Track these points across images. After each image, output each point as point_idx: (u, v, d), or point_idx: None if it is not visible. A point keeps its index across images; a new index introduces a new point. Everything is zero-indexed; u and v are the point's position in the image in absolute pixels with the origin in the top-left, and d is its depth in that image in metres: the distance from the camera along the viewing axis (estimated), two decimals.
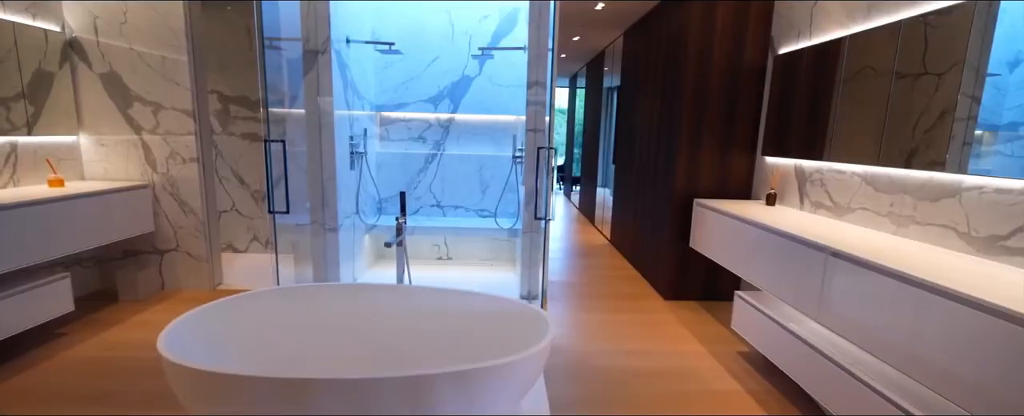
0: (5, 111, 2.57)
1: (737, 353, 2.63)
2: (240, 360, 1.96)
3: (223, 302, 1.97)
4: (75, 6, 2.94)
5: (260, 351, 2.02)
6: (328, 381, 1.43)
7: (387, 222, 3.99)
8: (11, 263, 2.25)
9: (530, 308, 1.97)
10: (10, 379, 2.15)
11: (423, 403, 1.49)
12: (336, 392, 1.44)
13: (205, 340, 1.88)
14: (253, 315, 2.05)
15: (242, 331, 2.01)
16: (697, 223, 3.08)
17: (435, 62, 4.04)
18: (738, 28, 3.07)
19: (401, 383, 1.46)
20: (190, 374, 1.47)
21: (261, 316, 2.06)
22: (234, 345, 1.97)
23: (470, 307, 2.09)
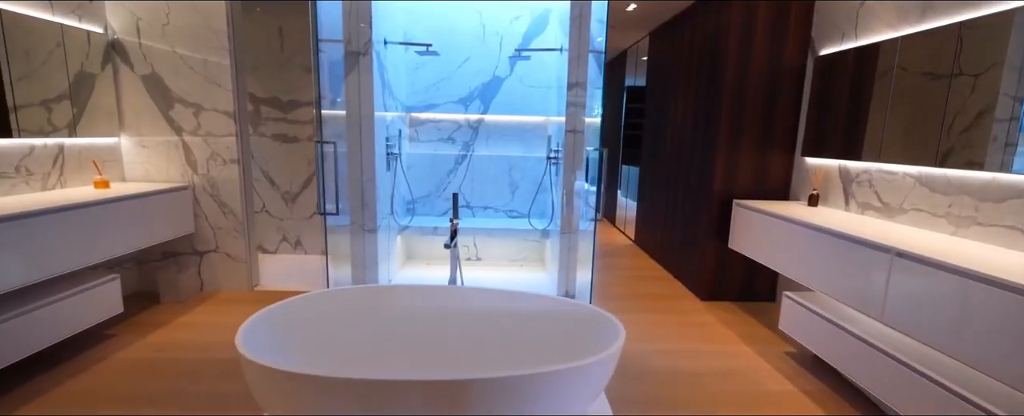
0: (47, 112, 2.56)
1: (784, 353, 2.64)
2: (308, 359, 1.97)
3: (293, 301, 1.97)
4: (118, 7, 2.94)
5: (327, 350, 2.03)
6: (420, 383, 1.43)
7: (419, 223, 4.00)
8: (71, 263, 2.26)
9: (595, 310, 1.97)
10: (67, 381, 2.16)
11: (506, 404, 1.50)
12: (425, 393, 1.45)
13: (274, 338, 1.88)
14: (322, 314, 2.05)
15: (310, 330, 2.01)
16: (737, 224, 3.08)
17: (466, 63, 4.05)
18: (778, 28, 3.08)
19: (488, 384, 1.46)
20: (271, 374, 1.47)
21: (329, 315, 2.07)
22: (302, 344, 1.97)
23: (536, 309, 2.10)
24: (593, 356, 1.62)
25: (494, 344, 2.12)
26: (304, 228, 4.29)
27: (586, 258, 3.37)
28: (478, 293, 2.17)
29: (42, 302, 2.14)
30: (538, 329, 2.09)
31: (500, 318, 2.14)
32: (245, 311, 2.99)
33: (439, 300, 2.17)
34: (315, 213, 4.25)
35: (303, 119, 4.11)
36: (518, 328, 2.12)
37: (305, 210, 4.25)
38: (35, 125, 2.47)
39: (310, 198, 4.22)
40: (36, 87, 2.46)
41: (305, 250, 4.34)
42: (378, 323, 2.14)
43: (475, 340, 2.14)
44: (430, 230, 3.98)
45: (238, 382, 2.19)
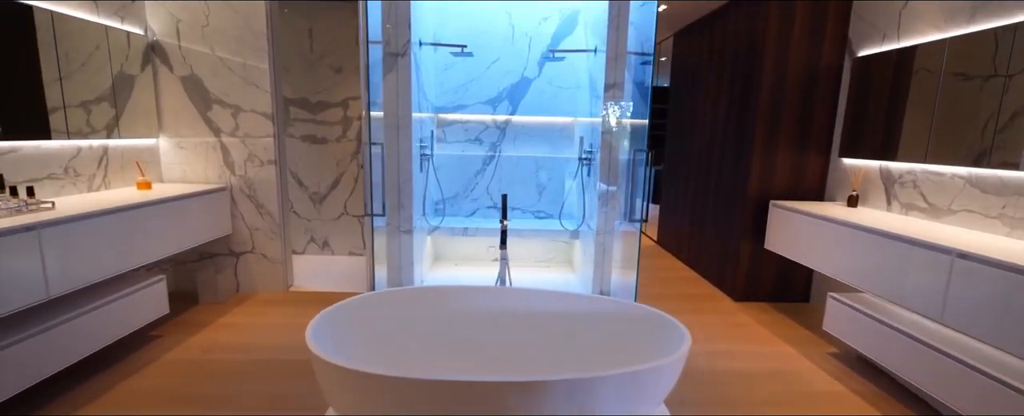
0: (86, 114, 2.52)
1: (828, 354, 2.64)
2: (366, 359, 1.97)
3: (352, 301, 1.98)
4: (158, 9, 2.95)
5: (384, 350, 2.03)
6: (506, 384, 1.43)
7: (450, 223, 4.00)
8: (123, 264, 2.26)
9: (653, 312, 1.98)
10: (122, 382, 2.16)
11: (577, 405, 1.50)
12: (505, 394, 1.45)
13: (334, 338, 1.88)
14: (379, 314, 2.06)
15: (367, 329, 2.02)
16: (775, 225, 3.08)
17: (495, 64, 4.05)
18: (815, 29, 3.08)
19: (567, 385, 1.46)
20: (345, 374, 1.47)
21: (386, 315, 2.07)
22: (364, 343, 1.98)
23: (592, 310, 2.10)
24: (661, 359, 1.63)
25: (552, 345, 2.12)
26: (331, 229, 4.30)
27: (620, 259, 3.38)
28: (532, 294, 2.17)
29: (97, 304, 2.14)
30: (594, 331, 2.09)
31: (555, 319, 2.14)
32: (284, 312, 3.00)
33: (494, 301, 2.17)
34: (343, 214, 4.27)
35: (331, 120, 4.12)
36: (573, 329, 2.12)
37: (333, 211, 4.27)
38: (75, 126, 2.45)
39: (338, 199, 4.24)
40: (76, 89, 2.44)
41: (332, 251, 4.35)
42: (434, 323, 2.14)
43: (531, 341, 2.14)
44: (460, 231, 3.98)
45: (290, 383, 2.19)
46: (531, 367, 2.11)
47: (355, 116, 4.11)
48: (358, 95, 4.08)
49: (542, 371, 2.09)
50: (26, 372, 1.84)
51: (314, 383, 2.19)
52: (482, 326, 2.16)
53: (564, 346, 2.12)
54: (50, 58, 2.30)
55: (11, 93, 2.14)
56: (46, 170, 2.36)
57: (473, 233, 3.99)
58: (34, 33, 2.21)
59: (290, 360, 2.40)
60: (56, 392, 2.05)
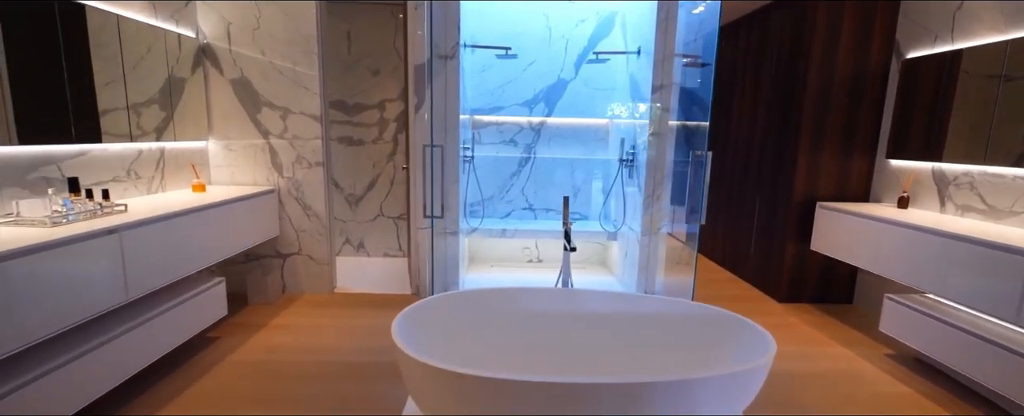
0: (137, 116, 2.49)
1: (884, 356, 2.64)
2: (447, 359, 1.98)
3: (428, 302, 1.99)
4: (209, 12, 2.96)
5: (458, 349, 2.04)
6: (603, 385, 1.44)
7: (489, 225, 4.01)
8: (191, 267, 2.28)
9: (731, 315, 1.99)
10: (197, 382, 2.17)
11: (670, 407, 1.51)
12: (602, 395, 1.46)
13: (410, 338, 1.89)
14: (453, 314, 2.07)
15: (441, 330, 2.02)
16: (822, 226, 3.09)
17: (532, 66, 4.06)
18: (862, 30, 3.08)
19: (668, 387, 1.47)
20: (437, 374, 1.48)
21: (459, 315, 2.08)
22: (440, 343, 1.99)
23: (663, 312, 2.11)
24: (743, 361, 1.63)
25: (623, 347, 2.13)
26: (367, 230, 4.31)
27: (664, 261, 3.39)
28: (601, 296, 2.18)
29: (169, 305, 2.15)
30: (667, 333, 2.10)
31: (622, 320, 2.15)
32: (334, 313, 3.01)
33: (565, 302, 2.18)
34: (379, 215, 4.28)
35: (368, 122, 4.14)
36: (642, 331, 2.13)
37: (368, 212, 4.28)
38: (130, 129, 2.43)
39: (374, 200, 4.25)
40: (131, 91, 2.42)
41: (367, 252, 4.36)
42: (506, 324, 2.15)
43: (600, 342, 2.15)
44: (498, 232, 3.99)
45: (360, 385, 2.20)
46: (606, 368, 2.11)
47: (391, 118, 4.12)
48: (394, 97, 4.10)
49: (618, 372, 2.10)
50: (114, 371, 1.85)
51: (385, 384, 2.20)
52: (553, 327, 2.17)
53: (635, 348, 2.13)
54: (107, 61, 2.30)
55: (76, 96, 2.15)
56: (111, 172, 2.38)
57: (511, 235, 4.00)
58: (87, 35, 2.16)
59: (355, 362, 2.41)
60: (136, 392, 2.06)
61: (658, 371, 2.05)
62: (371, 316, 2.98)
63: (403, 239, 4.32)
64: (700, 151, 2.55)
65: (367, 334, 2.73)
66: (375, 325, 2.85)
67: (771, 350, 1.69)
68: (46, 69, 1.97)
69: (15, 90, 1.84)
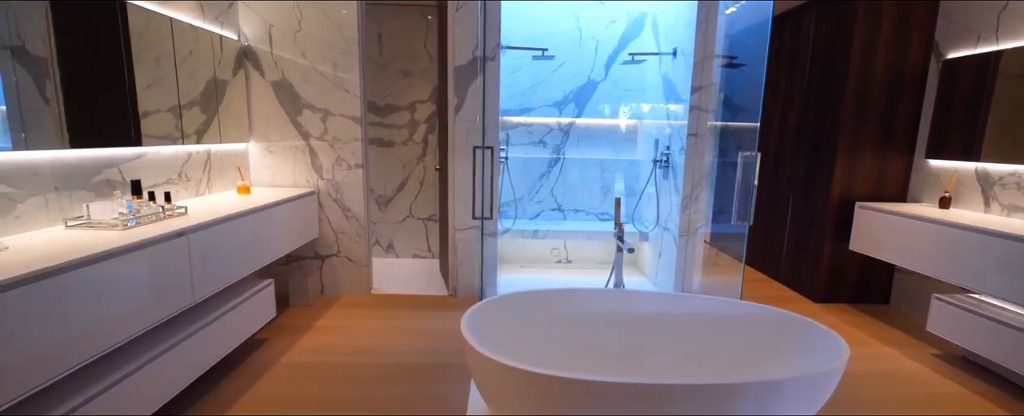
0: (185, 119, 2.48)
1: (931, 356, 2.65)
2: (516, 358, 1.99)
3: (489, 304, 2.00)
4: (251, 14, 2.97)
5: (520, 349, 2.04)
6: (685, 387, 1.45)
7: (521, 226, 4.02)
8: (246, 268, 2.28)
9: (795, 317, 1.99)
10: (255, 384, 2.18)
11: (766, 408, 1.51)
12: (686, 396, 1.46)
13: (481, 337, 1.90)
14: (514, 314, 2.07)
15: (501, 330, 2.03)
16: (863, 226, 3.09)
17: (562, 67, 4.07)
18: (901, 30, 3.09)
19: (753, 388, 1.47)
20: (510, 372, 1.48)
21: (519, 315, 2.09)
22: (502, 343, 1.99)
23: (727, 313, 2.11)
24: (823, 364, 1.64)
25: (685, 348, 2.13)
26: (396, 232, 4.32)
27: (700, 261, 3.39)
28: (661, 297, 2.19)
29: (225, 308, 2.16)
30: (727, 334, 2.10)
31: (684, 322, 2.16)
32: (375, 315, 3.02)
33: (622, 303, 2.19)
34: (408, 217, 4.28)
35: (398, 123, 4.14)
36: (702, 332, 2.13)
37: (398, 214, 4.28)
38: (176, 131, 2.42)
39: (403, 202, 4.25)
40: (180, 93, 2.42)
41: (396, 253, 4.37)
42: (563, 324, 2.15)
43: (665, 343, 2.15)
44: (529, 233, 4.00)
45: (411, 385, 2.21)
46: (667, 369, 2.12)
47: (422, 120, 4.13)
48: (424, 99, 4.10)
49: (678, 374, 2.10)
50: (186, 372, 1.86)
51: (441, 385, 2.21)
52: (610, 328, 2.17)
53: (693, 349, 2.13)
54: (159, 63, 2.31)
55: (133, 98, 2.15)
56: (165, 175, 2.38)
57: (542, 235, 4.00)
58: (128, 37, 2.14)
59: (406, 363, 2.41)
60: (199, 394, 2.06)
61: (721, 373, 2.06)
62: (412, 317, 2.99)
63: (432, 240, 4.32)
64: (748, 152, 2.55)
65: (412, 335, 2.73)
66: (418, 326, 2.85)
67: (844, 352, 1.69)
68: (107, 71, 1.98)
69: (74, 93, 1.85)
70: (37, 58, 1.68)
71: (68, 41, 1.79)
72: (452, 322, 2.93)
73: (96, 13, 1.92)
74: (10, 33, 1.58)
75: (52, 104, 1.74)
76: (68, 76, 1.79)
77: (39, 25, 1.68)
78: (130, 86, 2.08)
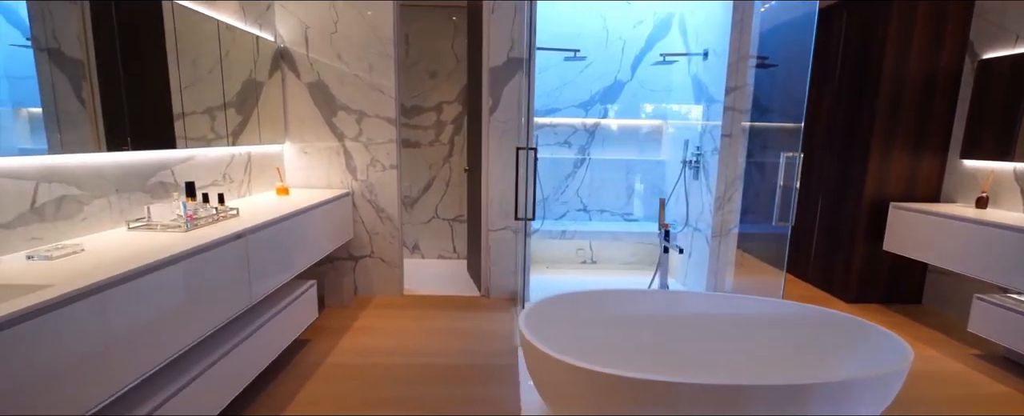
0: (228, 121, 2.47)
1: (972, 356, 2.65)
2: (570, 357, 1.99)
3: (553, 300, 2.00)
4: (288, 16, 2.97)
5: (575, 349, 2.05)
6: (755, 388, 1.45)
7: (548, 226, 4.02)
8: (294, 269, 2.29)
9: (855, 320, 1.99)
10: (306, 385, 2.18)
11: (840, 408, 1.51)
12: (756, 398, 1.47)
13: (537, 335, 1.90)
14: (574, 313, 2.08)
15: (559, 329, 2.03)
16: (898, 226, 3.09)
17: (589, 67, 4.07)
18: (936, 30, 3.09)
19: (826, 389, 1.48)
20: (581, 374, 1.48)
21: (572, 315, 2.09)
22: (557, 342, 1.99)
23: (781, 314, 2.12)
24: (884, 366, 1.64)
25: (739, 349, 2.14)
26: (421, 232, 4.32)
27: (733, 262, 3.39)
28: (714, 299, 2.19)
29: (276, 309, 2.16)
30: (781, 335, 2.11)
31: (740, 322, 2.16)
32: (411, 315, 3.02)
33: (673, 304, 2.19)
34: (433, 217, 4.29)
35: (424, 124, 4.15)
36: (759, 333, 2.14)
37: (423, 215, 4.29)
38: (199, 132, 2.35)
39: (429, 203, 4.26)
40: (213, 94, 2.37)
41: (422, 254, 4.37)
42: (613, 325, 2.16)
43: (720, 345, 2.16)
44: (557, 234, 4.00)
45: (459, 386, 2.21)
46: (727, 371, 2.12)
47: (448, 120, 4.13)
48: (451, 99, 4.11)
49: (742, 375, 2.10)
50: (245, 373, 1.87)
51: (489, 387, 2.21)
52: (660, 328, 2.18)
53: (747, 350, 2.13)
54: (205, 65, 2.32)
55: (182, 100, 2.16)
56: (211, 176, 2.39)
57: (570, 236, 4.01)
58: (176, 38, 2.15)
59: (450, 364, 2.42)
60: (253, 395, 2.07)
61: (779, 373, 2.06)
62: (447, 318, 2.99)
63: (458, 241, 4.33)
64: (791, 152, 2.56)
65: (451, 336, 2.73)
66: (456, 327, 2.86)
67: (908, 353, 1.69)
68: (158, 73, 1.98)
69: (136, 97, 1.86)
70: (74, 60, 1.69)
71: (130, 44, 1.79)
72: (488, 323, 2.93)
73: (150, 14, 1.93)
74: (47, 35, 1.57)
75: (121, 107, 1.75)
76: (131, 81, 1.79)
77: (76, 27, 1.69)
78: (179, 88, 2.09)
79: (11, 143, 1.41)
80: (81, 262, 1.35)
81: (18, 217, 1.43)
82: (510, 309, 3.19)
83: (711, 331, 2.17)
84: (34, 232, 1.48)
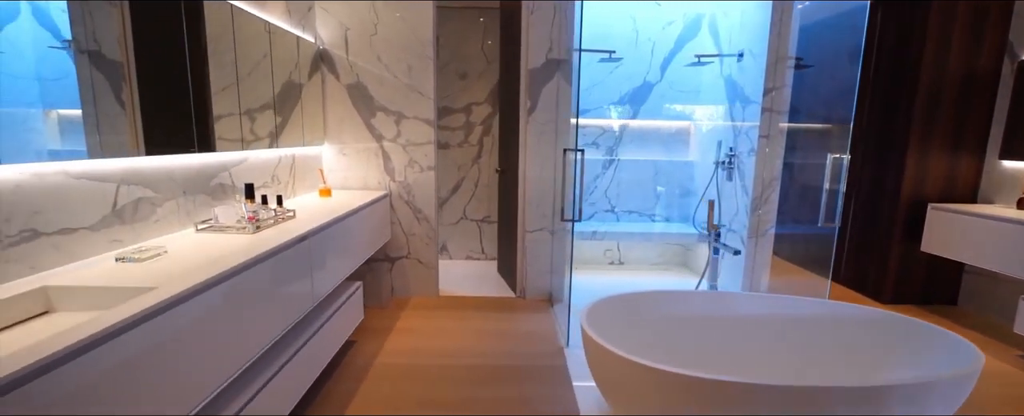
0: (260, 122, 2.40)
1: (1017, 356, 2.64)
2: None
3: (612, 300, 2.01)
4: (328, 18, 2.98)
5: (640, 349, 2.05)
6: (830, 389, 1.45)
7: (579, 227, 4.02)
8: (346, 270, 2.30)
9: (915, 322, 1.99)
10: (362, 386, 2.19)
11: (919, 409, 1.51)
12: (831, 399, 1.47)
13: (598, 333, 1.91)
14: (629, 313, 2.08)
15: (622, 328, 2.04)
16: (937, 227, 3.09)
17: (618, 68, 4.08)
18: (975, 30, 3.09)
19: (903, 391, 1.48)
20: (654, 375, 1.49)
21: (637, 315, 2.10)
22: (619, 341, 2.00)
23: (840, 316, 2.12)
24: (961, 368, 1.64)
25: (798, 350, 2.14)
26: (450, 233, 4.33)
27: (768, 263, 3.39)
28: (767, 299, 2.19)
29: (331, 311, 2.17)
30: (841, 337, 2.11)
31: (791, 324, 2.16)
32: (451, 316, 3.03)
33: (727, 305, 2.19)
34: (462, 218, 4.30)
35: (454, 125, 4.16)
36: (815, 334, 2.14)
37: (452, 215, 4.30)
38: (253, 134, 2.34)
39: (457, 204, 4.27)
40: (254, 95, 2.32)
41: (450, 255, 4.38)
42: (667, 325, 2.16)
43: (776, 346, 2.16)
44: (588, 235, 4.01)
45: (511, 387, 2.21)
46: (792, 373, 2.12)
47: (477, 122, 4.14)
48: (481, 101, 4.11)
49: (800, 376, 2.11)
50: (308, 374, 1.87)
51: (541, 387, 2.21)
52: (714, 329, 2.18)
53: (806, 351, 2.13)
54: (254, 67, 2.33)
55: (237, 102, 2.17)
56: (261, 178, 2.40)
57: (602, 237, 4.01)
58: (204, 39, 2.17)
59: (499, 365, 2.42)
60: (311, 397, 2.08)
61: (839, 375, 2.06)
62: (486, 319, 3.00)
63: (486, 242, 4.33)
64: (838, 154, 2.56)
65: (494, 337, 2.74)
66: (497, 328, 2.86)
67: (977, 354, 1.70)
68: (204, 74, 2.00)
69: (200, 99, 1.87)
70: (113, 62, 1.70)
71: (197, 47, 1.80)
72: (526, 324, 2.94)
73: (196, 13, 1.94)
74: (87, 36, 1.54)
75: (186, 108, 1.76)
76: (197, 87, 1.80)
77: (114, 29, 1.70)
78: (237, 91, 2.10)
79: (41, 145, 1.30)
80: (169, 264, 1.36)
81: (102, 219, 1.44)
82: (547, 310, 3.20)
83: (766, 332, 2.17)
84: (115, 234, 1.49)
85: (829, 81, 4.36)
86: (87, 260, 1.38)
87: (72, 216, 1.34)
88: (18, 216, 1.20)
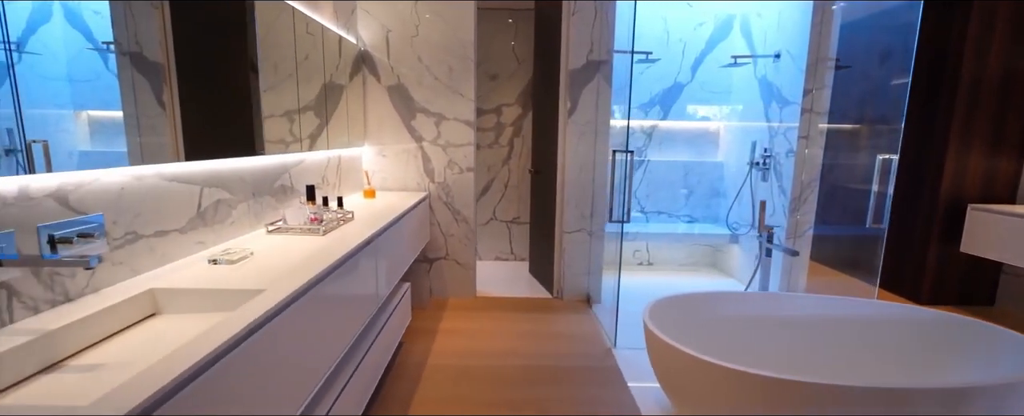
0: (301, 124, 2.34)
1: None
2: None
3: (670, 300, 2.01)
4: (370, 20, 2.99)
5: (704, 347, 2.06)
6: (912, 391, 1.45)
7: (611, 228, 4.02)
8: (401, 271, 2.30)
9: (977, 323, 1.99)
10: (419, 388, 2.19)
11: (1002, 409, 1.51)
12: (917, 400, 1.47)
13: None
14: (690, 313, 2.09)
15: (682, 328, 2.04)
16: (977, 228, 3.09)
17: (649, 69, 4.08)
18: (1017, 30, 3.08)
19: (990, 391, 1.48)
20: (725, 373, 1.49)
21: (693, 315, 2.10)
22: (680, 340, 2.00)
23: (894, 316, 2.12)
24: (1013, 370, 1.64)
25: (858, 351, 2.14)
26: (479, 234, 4.33)
27: (806, 264, 3.39)
28: (823, 300, 2.19)
29: (388, 312, 2.18)
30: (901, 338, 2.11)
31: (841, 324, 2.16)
32: (492, 317, 3.03)
33: (783, 306, 2.19)
34: (492, 219, 4.30)
35: (485, 126, 4.16)
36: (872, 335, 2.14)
37: (481, 216, 4.30)
38: (306, 133, 2.33)
39: (487, 205, 4.27)
40: (284, 98, 2.23)
41: (479, 256, 4.38)
42: (724, 326, 2.16)
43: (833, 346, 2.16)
44: (615, 235, 4.00)
45: (565, 388, 2.22)
46: (853, 373, 2.12)
47: (508, 123, 4.15)
48: (511, 102, 4.12)
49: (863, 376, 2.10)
50: (372, 374, 1.88)
51: (595, 388, 2.22)
52: (775, 330, 2.18)
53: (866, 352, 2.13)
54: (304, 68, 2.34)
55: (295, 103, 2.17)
56: (314, 179, 2.41)
57: (632, 238, 4.01)
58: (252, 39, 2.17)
59: (549, 366, 2.43)
60: (372, 398, 2.08)
61: (902, 375, 2.06)
62: (527, 320, 3.00)
63: (515, 243, 4.34)
64: (886, 155, 2.56)
65: (538, 338, 2.74)
66: (538, 329, 2.87)
67: None
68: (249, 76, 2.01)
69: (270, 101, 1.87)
70: (155, 64, 1.70)
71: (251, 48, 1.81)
72: (567, 324, 2.94)
73: (242, 13, 1.95)
74: (129, 39, 1.58)
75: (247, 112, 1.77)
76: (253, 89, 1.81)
77: (153, 31, 1.71)
78: (297, 94, 2.11)
79: (72, 146, 1.22)
80: (258, 266, 1.36)
81: (189, 221, 1.45)
82: (585, 311, 3.20)
83: (824, 333, 2.17)
84: (199, 236, 1.50)
85: (863, 81, 4.35)
86: (178, 262, 1.38)
87: (165, 218, 1.35)
88: (123, 219, 1.20)
